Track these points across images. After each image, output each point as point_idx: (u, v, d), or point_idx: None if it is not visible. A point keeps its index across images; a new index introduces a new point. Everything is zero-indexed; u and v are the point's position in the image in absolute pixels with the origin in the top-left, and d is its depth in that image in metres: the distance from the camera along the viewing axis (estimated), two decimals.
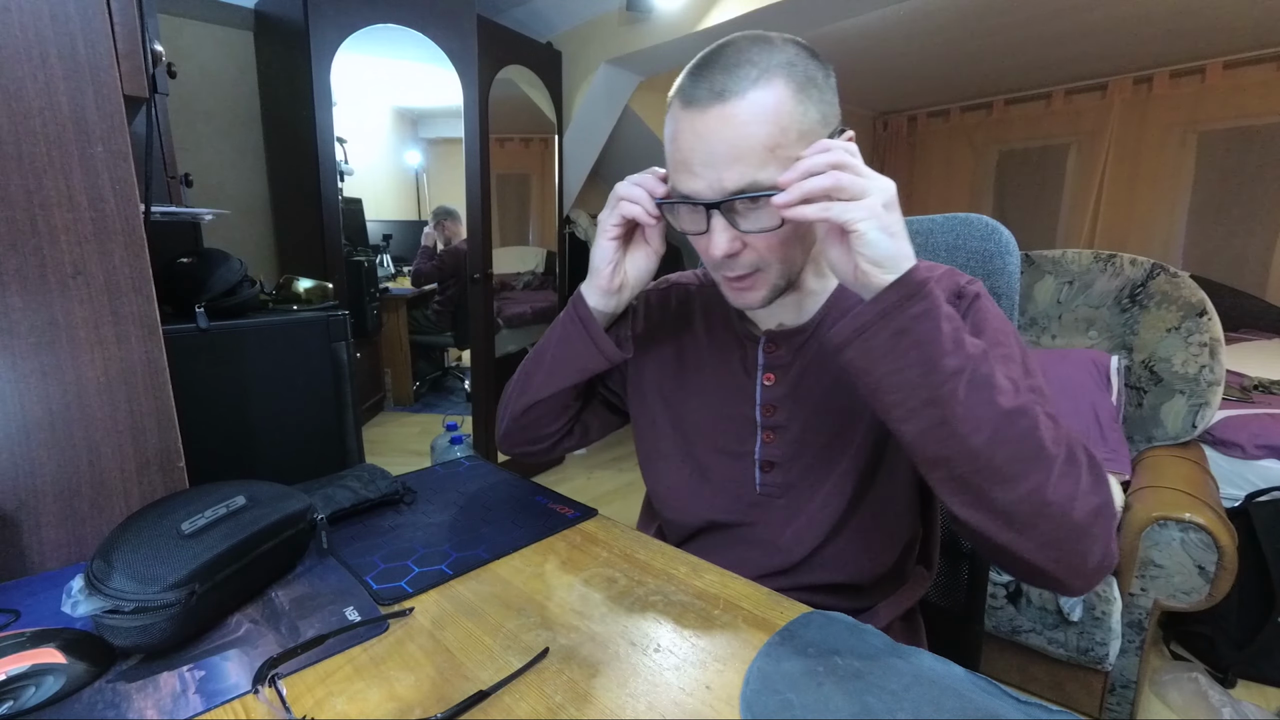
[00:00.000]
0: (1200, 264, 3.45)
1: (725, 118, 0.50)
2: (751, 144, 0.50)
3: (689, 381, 0.70)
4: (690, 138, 0.52)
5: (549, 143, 2.95)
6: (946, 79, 3.83)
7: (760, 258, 0.56)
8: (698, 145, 0.51)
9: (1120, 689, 1.33)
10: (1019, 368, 0.53)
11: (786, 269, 0.57)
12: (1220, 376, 1.51)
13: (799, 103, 0.51)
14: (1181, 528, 1.24)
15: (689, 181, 0.53)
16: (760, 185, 0.50)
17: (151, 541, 0.46)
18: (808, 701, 0.40)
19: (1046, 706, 0.40)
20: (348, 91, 2.24)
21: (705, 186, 0.52)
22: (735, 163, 0.50)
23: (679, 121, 0.53)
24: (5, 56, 0.55)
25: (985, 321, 0.57)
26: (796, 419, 0.63)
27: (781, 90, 0.50)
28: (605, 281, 0.62)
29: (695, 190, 0.53)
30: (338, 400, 1.15)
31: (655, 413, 0.72)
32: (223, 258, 1.05)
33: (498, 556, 0.60)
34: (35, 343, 0.59)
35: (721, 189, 0.51)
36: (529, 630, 0.49)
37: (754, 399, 0.65)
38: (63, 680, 0.41)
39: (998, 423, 0.45)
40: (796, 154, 0.50)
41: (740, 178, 0.50)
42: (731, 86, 0.50)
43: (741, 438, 0.66)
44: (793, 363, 0.64)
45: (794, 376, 0.64)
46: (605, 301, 0.63)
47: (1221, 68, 3.29)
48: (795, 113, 0.51)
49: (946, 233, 0.74)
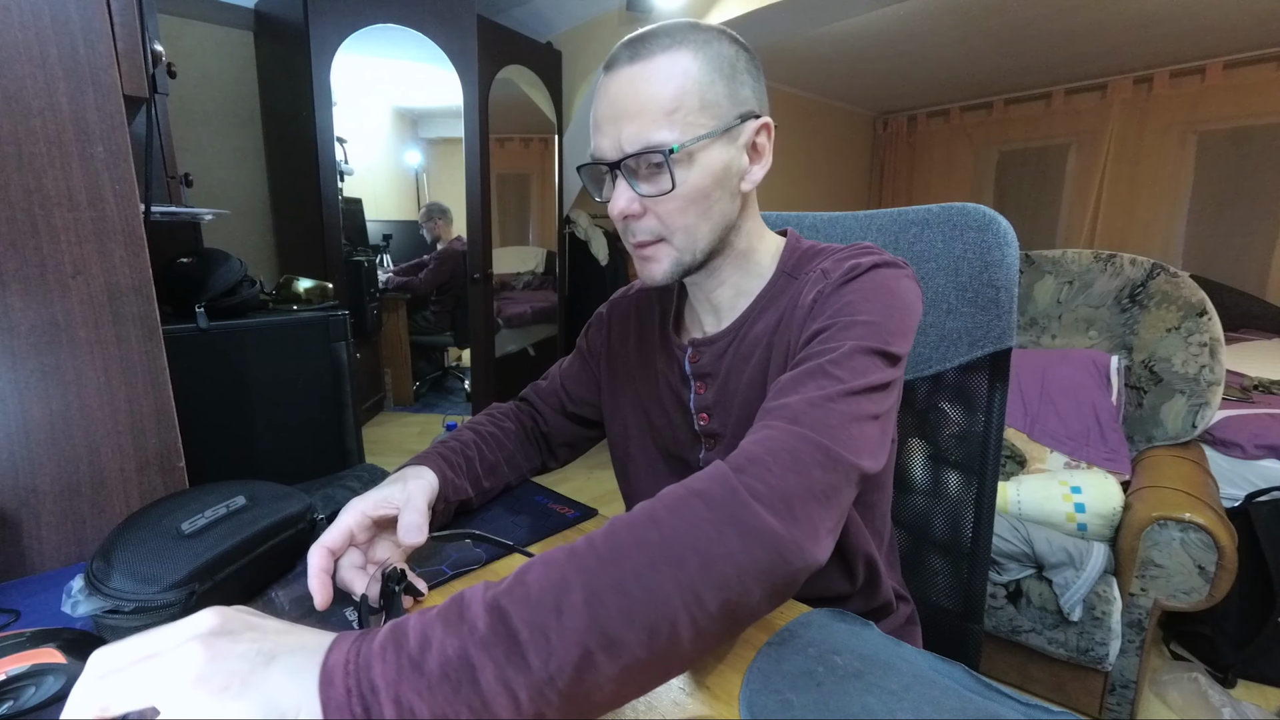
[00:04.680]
0: (1200, 264, 3.45)
1: (632, 76, 0.52)
2: (651, 103, 0.52)
3: (648, 387, 0.70)
4: (601, 99, 0.55)
5: (549, 143, 2.95)
6: (946, 79, 3.83)
7: (661, 224, 0.56)
8: (605, 105, 0.54)
9: (1120, 689, 1.33)
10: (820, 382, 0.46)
11: (688, 241, 0.56)
12: (1220, 376, 1.51)
13: (705, 74, 0.53)
14: (1181, 528, 1.24)
15: (597, 140, 0.55)
16: (654, 144, 0.52)
17: (152, 541, 0.46)
18: (807, 701, 0.40)
19: (1046, 707, 0.40)
20: (348, 91, 2.24)
21: (609, 145, 0.54)
22: (634, 119, 0.52)
23: (598, 86, 0.56)
24: (5, 56, 0.55)
25: (843, 299, 0.51)
26: (728, 426, 0.62)
27: (688, 60, 0.52)
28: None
29: (601, 150, 0.55)
30: (337, 400, 1.15)
31: (627, 419, 0.72)
32: (223, 258, 1.05)
33: (497, 556, 0.60)
34: (35, 343, 0.59)
35: (619, 146, 0.53)
36: None
37: (690, 408, 0.65)
38: (63, 680, 0.41)
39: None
40: (697, 121, 0.52)
41: (637, 136, 0.52)
42: (644, 50, 0.53)
43: (689, 444, 0.66)
44: (717, 370, 0.63)
45: (719, 384, 0.63)
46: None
47: (1221, 68, 3.29)
48: (701, 81, 0.52)
49: (942, 224, 0.72)
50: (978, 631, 0.77)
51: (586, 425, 0.80)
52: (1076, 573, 1.30)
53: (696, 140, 0.52)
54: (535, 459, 0.78)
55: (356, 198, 2.94)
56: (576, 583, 0.33)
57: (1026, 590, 1.37)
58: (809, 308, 0.54)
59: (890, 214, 0.77)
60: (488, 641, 0.31)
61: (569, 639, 0.31)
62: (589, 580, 0.33)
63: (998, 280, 0.68)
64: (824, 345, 0.49)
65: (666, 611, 0.33)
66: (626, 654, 0.32)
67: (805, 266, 0.60)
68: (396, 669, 0.30)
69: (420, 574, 0.57)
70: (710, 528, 0.36)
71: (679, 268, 0.58)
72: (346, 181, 2.60)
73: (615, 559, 0.35)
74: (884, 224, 0.77)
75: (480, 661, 0.30)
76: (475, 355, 2.76)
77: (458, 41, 2.29)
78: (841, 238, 0.80)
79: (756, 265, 0.62)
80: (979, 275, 0.69)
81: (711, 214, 0.56)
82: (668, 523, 0.37)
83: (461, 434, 0.72)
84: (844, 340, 0.49)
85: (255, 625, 0.31)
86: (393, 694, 0.29)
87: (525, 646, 0.31)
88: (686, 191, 0.54)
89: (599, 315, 0.78)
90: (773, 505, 0.38)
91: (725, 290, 0.63)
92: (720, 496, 0.38)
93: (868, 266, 0.54)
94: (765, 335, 0.59)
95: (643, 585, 0.34)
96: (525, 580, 0.34)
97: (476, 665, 0.30)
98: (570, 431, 0.80)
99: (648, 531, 0.36)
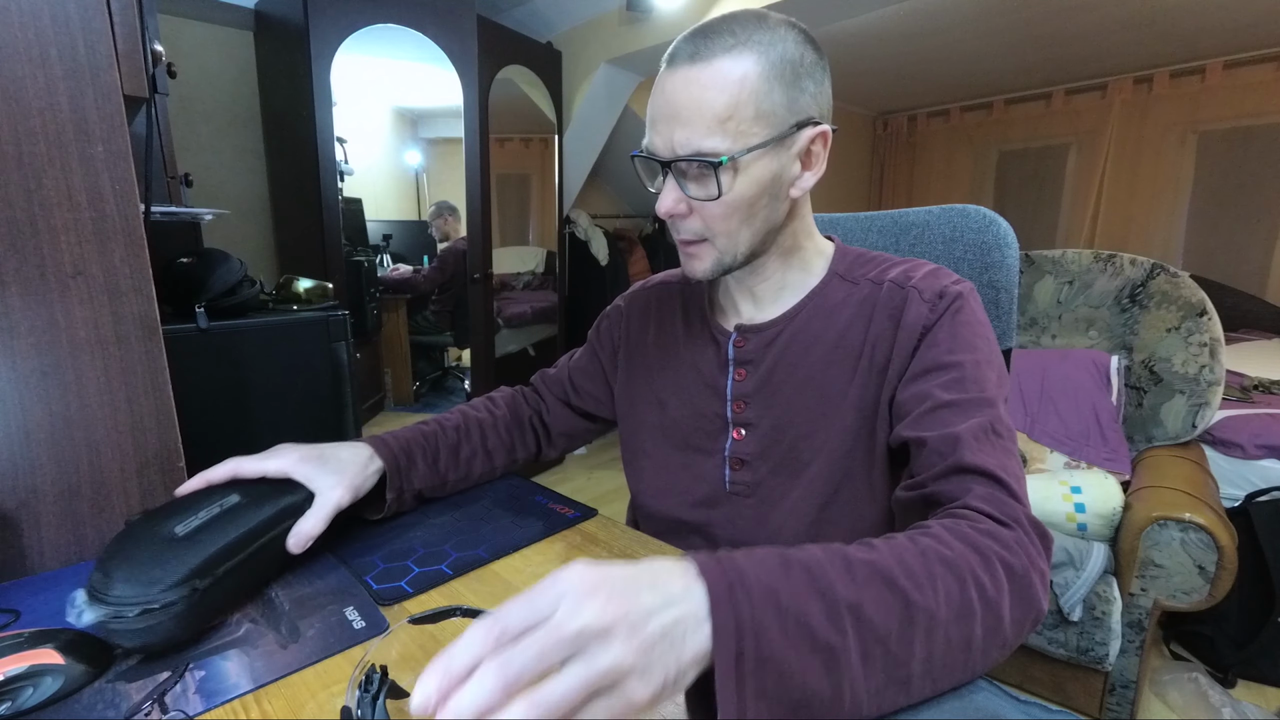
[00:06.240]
0: (1200, 264, 3.45)
1: (690, 79, 0.52)
2: (705, 109, 0.51)
3: (668, 378, 0.70)
4: (658, 94, 0.54)
5: (549, 143, 2.95)
6: (946, 79, 3.83)
7: (705, 226, 0.57)
8: (661, 102, 0.54)
9: (1120, 689, 1.33)
10: (966, 409, 0.51)
11: (730, 242, 0.58)
12: (1220, 376, 1.51)
13: (764, 81, 0.52)
14: (1181, 528, 1.24)
15: (651, 136, 0.55)
16: (703, 152, 0.52)
17: (148, 547, 0.46)
18: None
19: (1046, 706, 0.40)
20: (348, 91, 2.24)
21: (662, 144, 0.54)
22: (687, 124, 0.52)
23: (658, 80, 0.55)
24: (5, 56, 0.55)
25: (956, 332, 0.55)
26: (766, 416, 0.63)
27: (749, 64, 0.51)
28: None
29: (654, 146, 0.55)
30: (338, 400, 1.15)
31: (642, 413, 0.72)
32: (223, 258, 1.05)
33: (498, 556, 0.60)
34: (35, 343, 0.59)
35: (671, 148, 0.53)
36: None
37: (725, 395, 0.65)
38: (61, 681, 0.41)
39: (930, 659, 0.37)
40: (750, 130, 0.52)
41: (688, 141, 0.52)
42: (704, 51, 0.52)
43: (714, 434, 0.66)
44: (763, 358, 0.63)
45: (764, 372, 0.63)
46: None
47: (1221, 68, 3.29)
48: (758, 89, 0.52)
49: (943, 225, 0.72)
50: None
51: (589, 419, 0.80)
52: (1076, 573, 1.30)
53: (747, 151, 0.52)
54: (531, 446, 0.78)
55: (356, 198, 2.94)
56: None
57: None
58: (915, 333, 0.56)
59: (891, 215, 0.78)
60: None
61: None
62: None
63: (998, 281, 0.69)
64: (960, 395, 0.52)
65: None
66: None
67: (857, 272, 0.62)
68: (765, 570, 0.35)
69: (420, 574, 0.57)
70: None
71: (720, 267, 0.59)
72: (346, 181, 2.60)
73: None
74: (885, 226, 0.78)
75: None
76: (475, 355, 2.76)
77: (458, 41, 2.28)
78: (844, 239, 0.80)
79: (803, 262, 0.64)
80: (979, 276, 0.69)
81: (755, 220, 0.57)
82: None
83: (447, 418, 0.72)
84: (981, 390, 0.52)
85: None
86: (760, 580, 0.33)
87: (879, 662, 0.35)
88: (732, 199, 0.54)
89: (616, 308, 0.79)
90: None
91: (769, 284, 0.64)
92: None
93: (962, 295, 0.57)
94: (830, 337, 0.60)
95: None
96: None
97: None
98: (571, 422, 0.80)
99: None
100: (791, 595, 0.34)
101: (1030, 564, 0.43)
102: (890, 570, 0.37)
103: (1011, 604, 0.41)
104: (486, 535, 0.65)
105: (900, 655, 0.36)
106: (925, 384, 0.54)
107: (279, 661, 0.45)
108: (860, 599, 0.35)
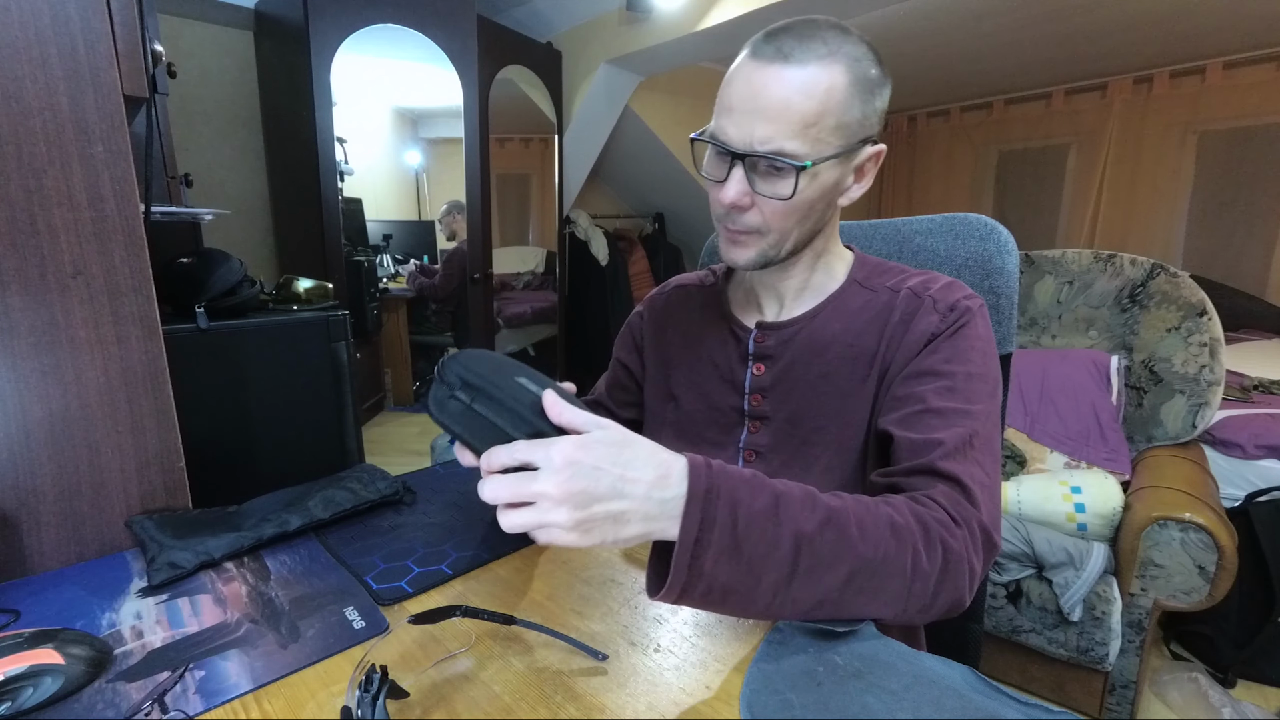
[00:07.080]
0: (1200, 264, 3.44)
1: (781, 78, 0.52)
2: (793, 111, 0.52)
3: (683, 374, 0.72)
4: (743, 84, 0.54)
5: (549, 143, 2.95)
6: (946, 79, 3.83)
7: (764, 221, 0.58)
8: (746, 93, 0.54)
9: (1120, 689, 1.33)
10: (953, 420, 0.53)
11: (780, 239, 0.59)
12: (1220, 376, 1.51)
13: (849, 95, 0.53)
14: (1181, 528, 1.24)
15: (726, 126, 0.55)
16: (785, 153, 0.53)
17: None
18: (807, 701, 0.40)
19: (1046, 707, 0.40)
20: (348, 91, 2.24)
21: (738, 135, 0.54)
22: (771, 122, 0.52)
23: (739, 69, 0.55)
24: (5, 56, 0.55)
25: (958, 344, 0.57)
26: (781, 410, 0.64)
27: (840, 77, 0.53)
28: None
29: (729, 136, 0.55)
30: (338, 400, 1.15)
31: (658, 410, 0.74)
32: (223, 258, 1.05)
33: (498, 556, 0.60)
34: (35, 343, 0.59)
35: (750, 143, 0.53)
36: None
37: (743, 388, 0.66)
38: (61, 680, 0.41)
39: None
40: (828, 140, 0.53)
41: (770, 138, 0.53)
42: (798, 54, 0.52)
43: (728, 427, 0.67)
44: (782, 354, 0.65)
45: (782, 367, 0.65)
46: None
47: (1221, 68, 3.29)
48: (842, 103, 0.53)
49: (945, 233, 0.74)
50: (978, 631, 0.77)
51: (633, 427, 0.81)
52: (1076, 573, 1.30)
53: (824, 159, 0.54)
54: None
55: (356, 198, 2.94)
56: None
57: (1026, 590, 1.37)
58: (922, 338, 0.58)
59: (894, 224, 0.79)
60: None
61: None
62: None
63: (999, 287, 0.70)
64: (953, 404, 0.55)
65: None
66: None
67: (876, 280, 0.64)
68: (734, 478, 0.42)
69: (420, 574, 0.57)
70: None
71: (763, 259, 0.60)
72: (346, 181, 2.59)
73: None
74: (888, 233, 0.79)
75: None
76: None
77: (458, 41, 2.28)
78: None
79: (827, 266, 0.66)
80: (980, 282, 0.71)
81: (808, 222, 0.59)
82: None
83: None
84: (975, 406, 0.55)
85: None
86: (732, 491, 0.41)
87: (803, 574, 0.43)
88: (799, 202, 0.56)
89: (637, 314, 0.81)
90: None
91: (794, 283, 0.65)
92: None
93: (972, 310, 0.59)
94: (847, 338, 0.62)
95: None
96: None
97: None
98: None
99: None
100: (749, 506, 0.42)
101: (966, 556, 0.47)
102: (844, 513, 0.45)
103: (939, 579, 0.46)
104: (487, 535, 0.65)
105: (825, 558, 0.43)
106: (919, 386, 0.56)
107: (279, 661, 0.45)
108: (808, 527, 0.43)
